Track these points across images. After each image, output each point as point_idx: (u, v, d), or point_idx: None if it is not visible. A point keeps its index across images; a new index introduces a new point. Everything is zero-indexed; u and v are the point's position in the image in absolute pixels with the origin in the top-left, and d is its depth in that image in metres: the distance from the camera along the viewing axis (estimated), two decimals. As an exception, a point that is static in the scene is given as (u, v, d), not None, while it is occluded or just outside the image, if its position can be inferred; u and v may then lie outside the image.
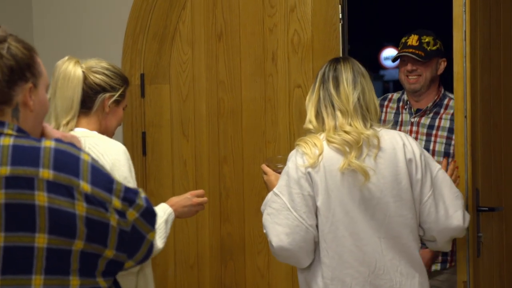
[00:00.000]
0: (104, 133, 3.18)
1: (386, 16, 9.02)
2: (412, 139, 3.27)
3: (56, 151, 2.12)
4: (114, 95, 3.18)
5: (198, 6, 4.79)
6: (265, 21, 4.71)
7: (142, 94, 4.86)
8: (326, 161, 3.09)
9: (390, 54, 11.03)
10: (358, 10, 6.28)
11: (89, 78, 3.13)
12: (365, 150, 3.12)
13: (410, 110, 4.21)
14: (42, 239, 2.06)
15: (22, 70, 2.18)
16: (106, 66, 3.20)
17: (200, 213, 4.69)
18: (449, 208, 3.27)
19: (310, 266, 3.16)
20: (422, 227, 3.25)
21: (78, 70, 3.11)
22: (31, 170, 2.08)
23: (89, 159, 2.17)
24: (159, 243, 3.16)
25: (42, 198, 2.06)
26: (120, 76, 3.24)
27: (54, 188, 2.08)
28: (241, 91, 4.77)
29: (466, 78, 3.61)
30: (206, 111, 4.81)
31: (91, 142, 3.00)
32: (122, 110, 3.28)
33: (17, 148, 2.11)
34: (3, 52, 2.15)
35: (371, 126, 3.19)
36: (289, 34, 4.67)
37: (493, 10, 3.99)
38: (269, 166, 3.48)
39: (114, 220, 2.14)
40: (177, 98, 4.85)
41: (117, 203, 2.16)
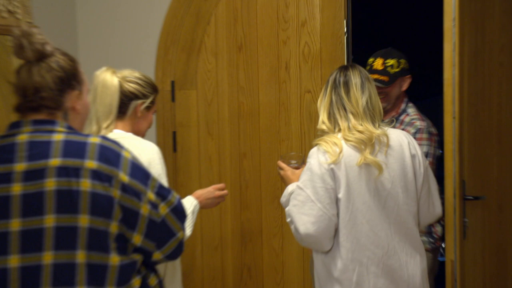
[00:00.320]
0: (136, 134, 3.18)
1: (385, 29, 9.03)
2: (412, 138, 3.30)
3: (101, 147, 2.18)
4: (145, 102, 3.19)
5: (221, 21, 4.79)
6: (279, 34, 4.72)
7: (173, 99, 4.86)
8: (346, 157, 3.10)
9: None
10: (361, 24, 6.31)
11: (124, 86, 3.13)
12: (376, 147, 3.14)
13: None
14: (84, 220, 2.11)
15: (69, 79, 2.25)
16: (138, 76, 3.20)
17: (223, 202, 4.77)
18: (434, 199, 3.32)
19: (329, 249, 3.16)
20: None
21: (115, 80, 3.12)
22: (78, 161, 2.13)
23: (129, 156, 2.22)
24: (188, 231, 3.16)
25: (86, 184, 2.12)
26: (150, 85, 3.23)
27: (96, 176, 2.13)
28: (258, 96, 4.78)
29: (455, 84, 3.62)
30: (228, 113, 4.82)
31: (128, 142, 2.97)
32: (152, 114, 3.28)
33: (67, 143, 2.17)
34: (53, 65, 2.22)
35: (379, 126, 3.21)
36: (300, 46, 4.69)
37: (479, 24, 4.00)
38: (283, 161, 3.48)
39: (146, 209, 2.18)
40: (203, 102, 4.85)
41: (151, 196, 2.21)
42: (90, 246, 2.12)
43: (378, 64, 4.01)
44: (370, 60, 4.08)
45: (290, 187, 3.28)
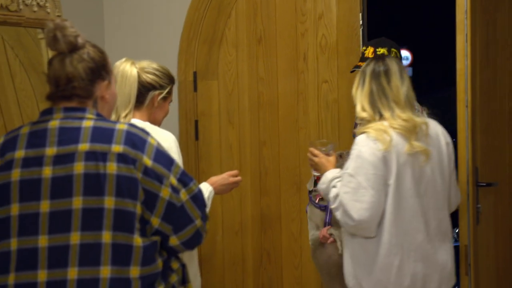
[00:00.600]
0: (153, 123, 3.16)
1: (400, 21, 9.02)
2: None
3: (127, 132, 2.22)
4: (162, 93, 3.18)
5: (241, 14, 4.81)
6: (297, 27, 4.73)
7: (195, 89, 4.88)
8: (395, 145, 3.08)
9: (404, 55, 11.06)
10: (376, 17, 6.33)
11: (142, 77, 3.12)
12: (419, 135, 3.15)
13: None
14: (110, 202, 2.14)
15: (99, 70, 2.29)
16: (156, 67, 3.19)
17: (243, 188, 4.79)
18: (456, 185, 3.37)
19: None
20: None
21: (134, 70, 3.12)
22: (106, 146, 2.17)
23: (155, 143, 2.25)
24: None
25: (112, 167, 2.15)
26: (167, 76, 3.22)
27: (122, 158, 2.17)
28: (277, 86, 4.79)
29: (467, 74, 3.66)
30: (248, 103, 4.84)
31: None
32: (168, 104, 3.26)
33: (96, 129, 2.21)
34: (85, 56, 2.26)
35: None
36: (317, 38, 4.69)
37: (490, 15, 4.01)
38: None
39: (166, 193, 2.20)
40: (224, 92, 4.87)
41: (173, 181, 2.22)
42: (115, 227, 2.14)
43: (369, 52, 3.90)
44: (363, 48, 4.02)
45: (330, 174, 3.24)
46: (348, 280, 3.24)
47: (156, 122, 3.21)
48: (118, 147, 2.17)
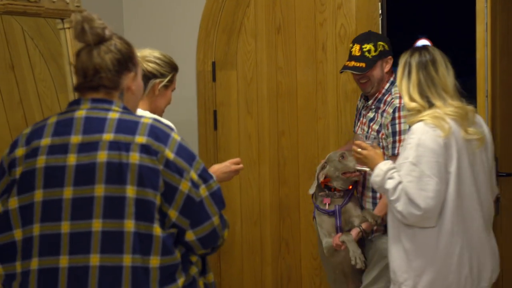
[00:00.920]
0: (154, 111, 3.15)
1: (419, 10, 8.98)
2: None
3: (151, 126, 2.25)
4: (163, 81, 3.16)
5: (260, 4, 4.80)
6: (316, 16, 4.71)
7: (214, 79, 4.89)
8: (454, 132, 3.08)
9: (418, 45, 10.96)
10: (396, 6, 6.30)
11: (142, 66, 3.06)
12: (469, 122, 3.15)
13: (365, 103, 3.97)
14: (131, 191, 2.16)
15: (126, 61, 2.31)
16: (158, 55, 3.17)
17: (262, 178, 4.81)
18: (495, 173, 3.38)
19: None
20: None
21: None
22: (130, 137, 2.20)
23: (178, 138, 2.27)
24: None
25: (134, 157, 2.18)
26: (169, 64, 3.20)
27: (145, 149, 2.19)
28: (296, 75, 4.78)
29: (487, 63, 3.64)
30: (267, 92, 4.84)
31: None
32: (170, 92, 3.23)
33: (121, 121, 2.24)
34: (112, 48, 2.28)
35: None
36: (336, 27, 4.67)
37: (510, 4, 3.98)
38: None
39: (185, 186, 2.21)
40: (242, 82, 4.88)
41: (194, 175, 2.24)
42: (137, 216, 2.16)
43: (356, 50, 3.86)
44: (350, 45, 3.96)
45: (384, 166, 3.20)
46: (398, 275, 3.22)
47: (157, 110, 3.20)
48: (141, 138, 2.20)
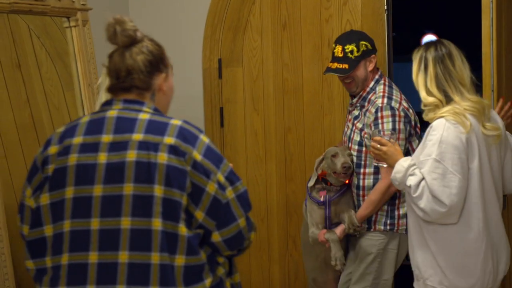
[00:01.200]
0: None
1: (425, 6, 8.95)
2: None
3: (181, 128, 2.28)
4: None
5: (266, 0, 4.81)
6: (322, 13, 4.71)
7: (220, 76, 4.90)
8: (474, 128, 3.08)
9: (431, 39, 10.89)
10: (401, 1, 6.29)
11: None
12: (486, 116, 3.15)
13: (352, 100, 3.96)
14: (159, 190, 2.20)
15: (157, 63, 2.35)
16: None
17: (269, 174, 4.81)
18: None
19: (456, 221, 3.12)
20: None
21: None
22: (159, 137, 2.24)
23: (206, 140, 2.30)
24: None
25: (162, 158, 2.21)
26: None
27: (173, 150, 2.23)
28: (302, 72, 4.78)
29: (492, 58, 3.63)
30: (273, 89, 4.84)
31: None
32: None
33: (151, 122, 2.28)
34: (144, 49, 2.32)
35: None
36: (342, 24, 4.66)
37: None
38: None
39: (212, 188, 2.24)
40: (248, 79, 4.88)
41: (220, 177, 2.26)
42: (165, 215, 2.20)
43: (338, 51, 3.83)
44: (333, 46, 3.92)
45: (404, 163, 3.16)
46: (423, 271, 3.21)
47: None
48: (170, 139, 2.24)
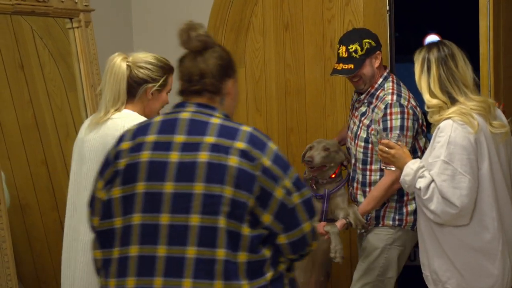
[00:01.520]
0: (148, 115, 3.11)
1: (427, 6, 8.95)
2: None
3: (251, 134, 2.34)
4: (155, 85, 3.10)
5: (268, 1, 4.81)
6: (324, 13, 4.71)
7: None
8: (482, 128, 3.08)
9: (433, 40, 10.89)
10: (404, 2, 6.29)
11: (133, 72, 3.07)
12: (492, 115, 3.15)
13: (359, 97, 3.94)
14: (229, 191, 2.27)
15: (228, 68, 2.46)
16: (150, 60, 3.12)
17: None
18: None
19: (469, 222, 3.12)
20: None
21: (123, 66, 3.06)
22: (230, 141, 2.31)
23: (274, 147, 2.36)
24: None
25: (234, 161, 2.28)
26: (162, 67, 3.14)
27: (244, 154, 2.29)
28: (304, 73, 4.78)
29: (490, 59, 3.64)
30: (275, 90, 4.84)
31: (131, 121, 2.92)
32: (165, 94, 3.19)
33: (222, 126, 2.35)
34: (215, 54, 2.42)
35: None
36: (344, 24, 4.65)
37: None
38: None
39: (280, 193, 2.30)
40: (251, 79, 4.88)
41: (287, 183, 2.32)
42: (230, 214, 2.26)
43: (343, 51, 3.82)
44: (337, 47, 3.92)
45: (413, 165, 3.16)
46: (440, 274, 3.20)
47: (152, 113, 3.17)
48: (241, 144, 2.30)
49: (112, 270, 2.34)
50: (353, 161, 3.89)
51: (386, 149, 3.29)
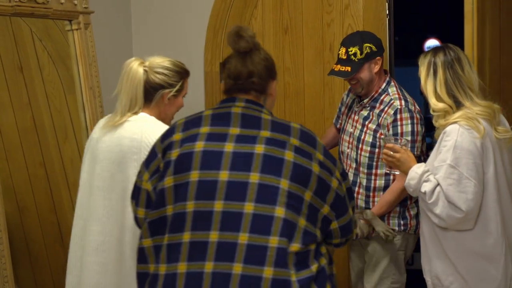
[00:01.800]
0: (164, 119, 3.10)
1: (428, 10, 8.96)
2: None
3: (301, 130, 2.47)
4: (172, 91, 3.09)
5: (267, 5, 4.82)
6: (323, 17, 4.72)
7: (221, 80, 4.89)
8: (487, 133, 3.08)
9: (433, 44, 10.93)
10: (403, 6, 6.29)
11: (150, 77, 3.05)
12: (497, 120, 3.16)
13: (359, 100, 3.93)
14: (285, 183, 2.35)
15: (272, 69, 2.59)
16: (167, 65, 3.10)
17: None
18: None
19: (473, 227, 3.11)
20: None
21: (140, 71, 3.04)
22: (285, 136, 2.42)
23: (322, 142, 2.50)
24: None
25: (289, 155, 2.39)
26: (178, 72, 3.12)
27: (299, 150, 2.41)
28: (303, 76, 4.80)
29: (474, 63, 3.60)
30: (274, 93, 4.87)
31: (148, 125, 2.98)
32: (181, 98, 3.17)
33: (274, 122, 2.48)
34: (261, 56, 2.54)
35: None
36: (344, 28, 4.66)
37: (503, 3, 4.01)
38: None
39: (335, 183, 2.45)
40: (250, 83, 4.91)
41: (338, 174, 2.48)
42: (288, 206, 2.34)
43: (342, 53, 3.83)
44: (338, 48, 3.92)
45: (418, 169, 3.15)
46: (443, 279, 3.20)
47: (167, 118, 3.17)
48: (295, 141, 2.42)
49: (162, 256, 2.38)
50: (353, 165, 3.87)
51: (391, 153, 3.27)
